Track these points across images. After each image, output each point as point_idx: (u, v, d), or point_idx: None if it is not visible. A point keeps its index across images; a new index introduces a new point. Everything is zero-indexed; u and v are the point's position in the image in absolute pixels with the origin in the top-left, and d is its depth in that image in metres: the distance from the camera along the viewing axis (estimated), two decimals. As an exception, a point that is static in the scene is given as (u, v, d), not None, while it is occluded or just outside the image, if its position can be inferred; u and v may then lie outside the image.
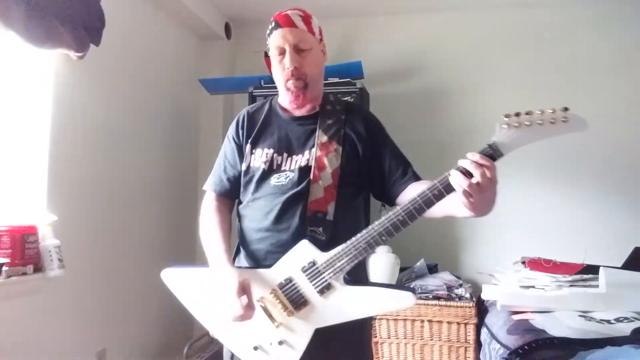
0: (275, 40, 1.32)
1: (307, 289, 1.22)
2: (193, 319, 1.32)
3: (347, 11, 3.26)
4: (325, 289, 1.21)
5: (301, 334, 1.24)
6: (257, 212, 1.33)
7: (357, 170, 1.34)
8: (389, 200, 1.38)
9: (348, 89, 2.83)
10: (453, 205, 1.11)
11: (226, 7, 3.25)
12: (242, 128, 1.41)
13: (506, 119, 1.06)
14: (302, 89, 1.33)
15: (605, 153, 2.94)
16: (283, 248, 1.25)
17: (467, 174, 1.04)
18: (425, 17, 3.24)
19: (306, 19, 1.34)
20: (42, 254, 1.92)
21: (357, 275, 1.27)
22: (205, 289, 1.31)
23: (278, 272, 1.25)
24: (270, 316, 1.25)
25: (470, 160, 1.05)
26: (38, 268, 1.92)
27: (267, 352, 1.26)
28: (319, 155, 1.30)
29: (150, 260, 2.76)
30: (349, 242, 1.18)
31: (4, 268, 1.78)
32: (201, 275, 1.34)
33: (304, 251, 1.23)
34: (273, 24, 1.33)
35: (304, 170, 1.30)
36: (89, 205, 2.29)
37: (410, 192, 1.28)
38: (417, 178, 1.35)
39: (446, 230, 3.10)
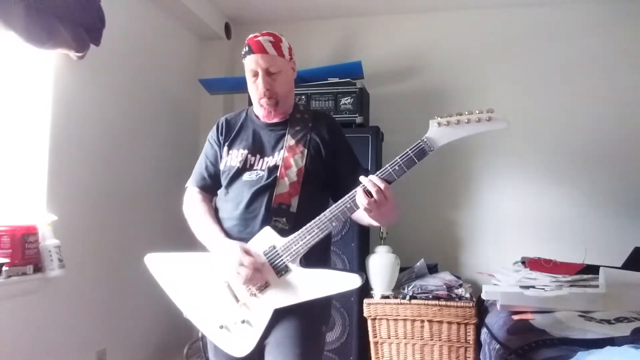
0: (249, 64, 1.48)
1: (268, 271, 1.36)
2: (193, 319, 1.37)
3: (347, 11, 3.26)
4: (283, 271, 1.36)
5: (262, 313, 1.37)
6: (229, 203, 1.49)
7: (321, 170, 1.50)
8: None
9: (348, 89, 2.83)
10: (364, 215, 1.32)
11: (226, 7, 3.25)
12: (221, 133, 1.58)
13: (438, 118, 1.29)
14: (274, 106, 1.50)
15: (605, 153, 2.94)
16: (249, 235, 1.41)
17: (368, 193, 1.27)
18: (425, 17, 3.24)
19: (276, 44, 1.48)
20: (42, 254, 1.93)
21: (316, 260, 1.41)
22: (183, 272, 1.47)
23: None
24: (234, 296, 1.39)
25: (369, 181, 1.27)
26: (38, 268, 1.92)
27: (231, 330, 1.40)
28: (286, 156, 1.47)
29: (150, 260, 2.76)
30: (303, 228, 1.35)
31: (4, 268, 1.78)
32: (180, 259, 1.50)
33: (266, 237, 1.38)
34: (247, 48, 1.48)
35: (273, 170, 1.47)
36: (89, 205, 2.29)
37: None
38: None
39: (446, 230, 3.10)
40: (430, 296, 2.52)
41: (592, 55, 3.01)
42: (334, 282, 1.36)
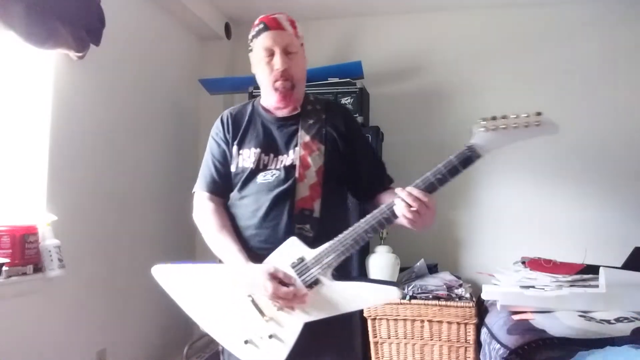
0: (264, 42, 1.36)
1: (296, 284, 1.25)
2: (193, 320, 1.35)
3: (347, 11, 3.26)
4: (313, 284, 1.24)
5: (290, 328, 1.27)
6: (245, 210, 1.36)
7: (339, 166, 1.39)
8: (361, 199, 1.48)
9: (348, 89, 2.83)
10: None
11: (226, 7, 3.25)
12: (228, 129, 1.44)
13: (483, 122, 1.15)
14: (290, 90, 1.37)
15: (605, 153, 2.94)
16: (272, 245, 1.28)
17: (409, 204, 1.17)
18: (424, 17, 3.24)
19: (293, 24, 1.39)
20: (42, 254, 1.92)
21: (344, 270, 1.32)
22: (198, 285, 1.35)
23: None
24: (260, 311, 1.28)
25: (408, 194, 1.17)
26: (38, 268, 1.92)
27: (257, 345, 1.29)
28: (302, 154, 1.35)
29: (150, 260, 2.74)
30: (336, 239, 1.23)
31: (4, 268, 1.78)
32: (193, 272, 1.38)
33: (293, 248, 1.26)
34: (261, 26, 1.38)
35: (289, 169, 1.35)
36: (89, 205, 2.29)
37: (382, 199, 1.36)
38: (389, 182, 1.44)
39: (446, 231, 3.10)
40: (430, 296, 2.52)
41: (591, 55, 3.01)
42: (370, 294, 1.28)
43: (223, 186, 1.43)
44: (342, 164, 1.39)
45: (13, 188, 1.99)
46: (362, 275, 2.61)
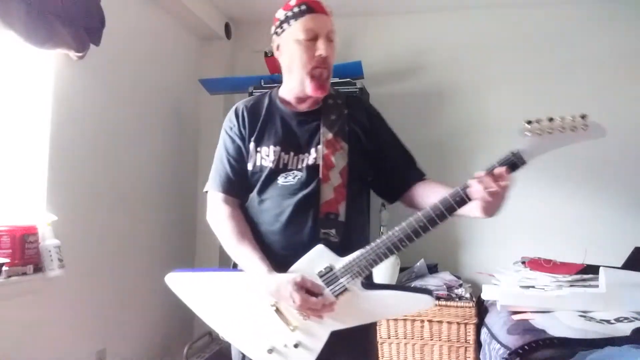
0: (307, 23, 1.25)
1: (324, 293, 1.18)
2: (193, 320, 1.33)
3: (347, 11, 3.26)
4: (341, 294, 1.18)
5: (317, 336, 1.22)
6: (266, 215, 1.28)
7: (363, 165, 1.32)
8: (391, 197, 1.38)
9: (348, 89, 2.83)
10: (466, 208, 1.13)
11: (226, 7, 3.25)
12: (243, 124, 1.34)
13: (528, 126, 1.06)
14: (326, 80, 1.28)
15: (605, 153, 2.94)
16: (295, 251, 1.22)
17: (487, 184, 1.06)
18: (425, 17, 3.24)
19: (330, 12, 1.31)
20: (42, 254, 1.92)
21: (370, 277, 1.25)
22: (217, 293, 1.29)
23: None
24: (285, 320, 1.22)
25: (492, 172, 1.07)
26: (38, 268, 1.91)
27: (282, 354, 1.24)
28: (325, 153, 1.26)
29: (151, 260, 2.76)
30: (368, 247, 1.17)
31: (4, 268, 1.78)
32: (209, 279, 1.32)
33: (321, 256, 1.20)
34: (303, 7, 1.26)
35: (312, 169, 1.27)
36: (89, 205, 2.29)
37: (419, 192, 1.30)
38: (422, 175, 1.35)
39: (446, 231, 3.09)
40: (430, 296, 2.52)
41: (592, 56, 3.01)
42: (402, 303, 1.22)
43: (238, 185, 1.33)
44: (365, 163, 1.32)
45: (13, 188, 1.99)
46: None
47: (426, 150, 3.07)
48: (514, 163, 1.08)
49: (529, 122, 1.06)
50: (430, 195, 1.23)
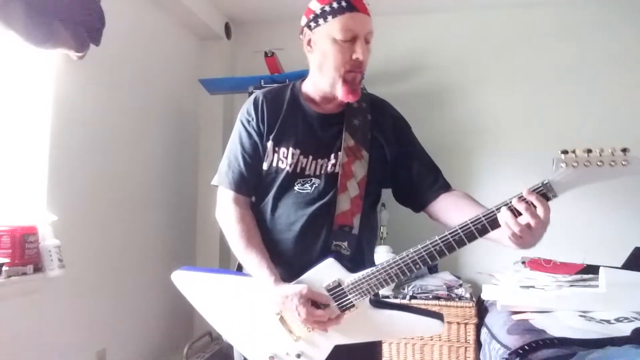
0: (348, 22, 1.16)
1: (330, 306, 1.16)
2: (193, 319, 1.32)
3: (347, 11, 3.26)
4: (348, 310, 1.16)
5: (320, 348, 1.20)
6: (278, 222, 1.24)
7: (382, 177, 1.28)
8: (416, 206, 1.33)
9: (348, 89, 2.83)
10: (494, 235, 1.06)
11: (226, 7, 3.25)
12: (262, 119, 1.26)
13: (563, 156, 0.98)
14: (359, 84, 1.22)
15: (605, 153, 2.94)
16: (306, 262, 1.19)
17: (517, 212, 0.98)
18: (425, 17, 3.24)
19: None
20: (42, 254, 1.92)
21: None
22: (223, 295, 1.27)
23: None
24: (288, 329, 1.20)
25: (523, 198, 0.98)
26: (38, 268, 1.92)
27: None
28: (345, 161, 1.21)
29: (151, 260, 2.76)
30: (379, 266, 1.13)
31: (4, 268, 1.78)
32: (217, 280, 1.30)
33: (330, 270, 1.16)
34: (344, 3, 1.16)
35: (330, 177, 1.22)
36: (89, 205, 2.29)
37: (442, 206, 1.25)
38: (447, 186, 1.30)
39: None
40: (430, 296, 2.52)
41: (592, 55, 3.01)
42: (409, 326, 1.18)
43: (251, 184, 1.28)
44: (385, 174, 1.27)
45: (13, 188, 1.99)
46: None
47: (426, 150, 3.08)
48: (543, 194, 1.00)
49: (565, 152, 0.98)
50: (452, 211, 1.19)
